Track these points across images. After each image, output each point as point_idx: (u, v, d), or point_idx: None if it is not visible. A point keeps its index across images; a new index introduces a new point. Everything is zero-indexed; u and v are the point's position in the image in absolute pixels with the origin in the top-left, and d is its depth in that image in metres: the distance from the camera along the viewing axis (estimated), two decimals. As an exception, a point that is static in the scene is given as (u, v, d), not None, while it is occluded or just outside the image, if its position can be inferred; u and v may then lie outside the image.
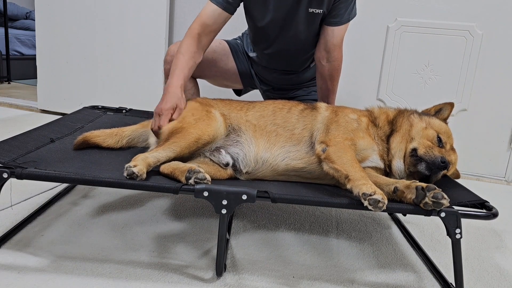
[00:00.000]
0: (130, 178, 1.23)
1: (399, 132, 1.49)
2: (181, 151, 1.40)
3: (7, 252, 1.32)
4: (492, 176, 2.77)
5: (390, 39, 2.75)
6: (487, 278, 1.45)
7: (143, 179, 1.24)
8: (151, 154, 1.34)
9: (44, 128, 1.70)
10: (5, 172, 1.19)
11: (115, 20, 3.10)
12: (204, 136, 1.44)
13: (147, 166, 1.29)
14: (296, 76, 2.10)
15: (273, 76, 2.10)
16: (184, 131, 1.43)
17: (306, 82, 2.16)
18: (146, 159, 1.30)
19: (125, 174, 1.23)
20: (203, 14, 1.77)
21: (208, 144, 1.47)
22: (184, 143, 1.40)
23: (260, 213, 1.80)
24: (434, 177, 1.43)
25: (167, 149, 1.38)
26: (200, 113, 1.51)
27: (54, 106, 3.37)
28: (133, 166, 1.24)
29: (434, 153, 1.40)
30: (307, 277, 1.35)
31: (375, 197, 1.16)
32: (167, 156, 1.37)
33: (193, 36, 1.73)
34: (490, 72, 2.66)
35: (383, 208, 1.17)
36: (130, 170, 1.23)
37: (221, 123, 1.51)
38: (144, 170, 1.25)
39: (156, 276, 1.26)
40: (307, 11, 1.82)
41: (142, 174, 1.24)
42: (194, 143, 1.42)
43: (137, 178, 1.23)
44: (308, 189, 1.41)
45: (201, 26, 1.75)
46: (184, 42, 1.73)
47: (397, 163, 1.46)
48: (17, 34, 5.30)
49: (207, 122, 1.47)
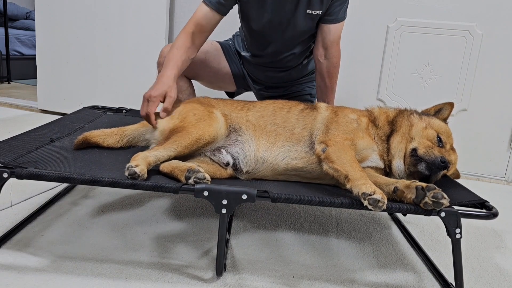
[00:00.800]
0: (132, 178, 1.23)
1: (399, 132, 1.49)
2: (182, 150, 1.40)
3: (7, 252, 1.32)
4: (492, 176, 2.77)
5: (390, 39, 2.75)
6: (487, 278, 1.45)
7: (144, 178, 1.24)
8: (151, 153, 1.34)
9: (44, 128, 1.70)
10: (5, 172, 1.19)
11: (115, 20, 3.10)
12: (205, 136, 1.44)
13: (148, 165, 1.29)
14: (289, 73, 2.11)
15: (266, 75, 2.11)
16: (185, 130, 1.43)
17: (299, 79, 2.17)
18: (146, 158, 1.30)
19: (127, 174, 1.23)
20: (197, 14, 1.82)
21: (208, 144, 1.47)
22: (185, 142, 1.40)
23: (260, 213, 1.80)
24: (434, 177, 1.43)
25: (168, 148, 1.38)
26: (202, 113, 1.51)
27: (54, 106, 3.37)
28: (134, 166, 1.24)
29: (434, 153, 1.40)
30: (307, 277, 1.34)
31: (375, 196, 1.16)
32: (168, 155, 1.37)
33: (188, 33, 1.78)
34: (490, 72, 2.66)
35: (383, 208, 1.17)
36: (132, 170, 1.23)
37: (223, 123, 1.51)
38: (146, 170, 1.26)
39: (156, 276, 1.26)
40: (305, 13, 1.83)
41: (144, 174, 1.24)
42: (195, 142, 1.42)
43: (139, 178, 1.23)
44: (308, 189, 1.41)
45: (195, 25, 1.79)
46: (179, 38, 1.78)
47: (397, 163, 1.46)
48: (17, 34, 5.30)
49: (208, 122, 1.47)
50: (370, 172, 1.43)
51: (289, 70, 2.10)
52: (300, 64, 2.09)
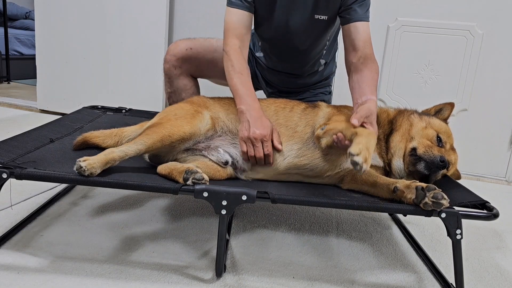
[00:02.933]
0: (79, 173, 1.20)
1: (399, 132, 1.49)
2: (153, 144, 1.37)
3: (7, 252, 1.31)
4: (493, 176, 2.77)
5: (391, 39, 2.75)
6: (488, 279, 1.45)
7: (93, 174, 1.21)
8: (119, 148, 1.32)
9: (43, 128, 1.70)
10: (5, 172, 1.18)
11: (115, 20, 3.09)
12: (178, 132, 1.41)
13: (109, 161, 1.26)
14: (303, 79, 2.06)
15: (279, 78, 2.05)
16: (159, 126, 1.42)
17: (313, 85, 2.11)
18: (110, 154, 1.28)
19: (74, 169, 1.20)
20: (233, 25, 1.67)
21: (184, 141, 1.44)
22: (157, 136, 1.38)
23: (260, 213, 1.80)
24: (434, 176, 1.42)
25: (138, 142, 1.35)
26: (185, 112, 1.49)
27: (53, 106, 3.37)
28: (82, 160, 1.20)
29: (434, 152, 1.39)
30: (307, 277, 1.34)
31: (355, 159, 1.17)
32: (137, 149, 1.34)
33: (237, 51, 1.64)
34: (490, 72, 2.65)
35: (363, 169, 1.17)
36: (78, 164, 1.20)
37: (206, 124, 1.49)
38: (96, 165, 1.22)
39: (156, 276, 1.26)
40: (313, 18, 1.78)
41: (91, 169, 1.20)
42: (168, 137, 1.39)
43: (85, 173, 1.19)
44: (308, 189, 1.40)
45: (237, 37, 1.66)
46: (233, 59, 1.62)
47: (397, 162, 1.46)
48: (16, 34, 5.29)
49: (188, 120, 1.46)
50: (370, 172, 1.43)
51: (303, 76, 2.06)
52: (315, 71, 2.03)
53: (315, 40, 1.86)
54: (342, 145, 1.34)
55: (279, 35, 1.84)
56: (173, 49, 1.96)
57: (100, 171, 1.23)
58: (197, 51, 1.97)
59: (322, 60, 1.98)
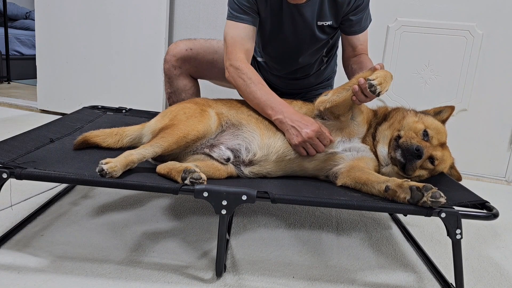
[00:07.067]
0: (101, 175, 1.21)
1: (389, 122, 1.55)
2: (169, 146, 1.39)
3: (7, 252, 1.31)
4: (492, 176, 2.77)
5: (390, 39, 2.75)
6: (488, 278, 1.45)
7: (114, 177, 1.23)
8: (137, 151, 1.34)
9: (43, 128, 1.70)
10: (5, 172, 1.18)
11: (115, 20, 3.10)
12: (193, 132, 1.43)
13: (129, 163, 1.28)
14: (307, 80, 2.06)
15: (281, 81, 2.04)
16: (173, 127, 1.44)
17: (316, 85, 2.11)
18: (129, 156, 1.30)
19: (97, 170, 1.22)
20: (240, 40, 1.66)
21: (198, 140, 1.47)
22: (172, 138, 1.40)
23: (260, 213, 1.80)
24: (410, 166, 1.42)
25: (154, 145, 1.38)
26: (193, 111, 1.51)
27: (53, 106, 3.37)
28: (104, 163, 1.22)
29: (412, 141, 1.42)
30: (307, 277, 1.34)
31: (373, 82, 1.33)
32: (154, 152, 1.36)
33: (248, 64, 1.66)
34: (490, 72, 2.65)
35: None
36: (100, 166, 1.22)
37: (215, 121, 1.52)
38: (118, 168, 1.23)
39: (156, 276, 1.26)
40: (317, 25, 1.77)
41: (113, 172, 1.22)
42: (183, 138, 1.42)
43: (106, 176, 1.21)
44: (308, 189, 1.41)
45: (246, 53, 1.67)
46: (249, 72, 1.62)
47: (380, 148, 1.52)
48: (17, 34, 5.30)
49: (199, 118, 1.48)
50: (363, 168, 1.43)
51: (306, 78, 2.06)
52: (317, 70, 2.03)
53: (319, 50, 1.88)
54: (363, 96, 1.41)
55: (287, 50, 1.85)
56: (173, 49, 1.96)
57: (120, 174, 1.25)
58: (197, 52, 1.97)
59: (324, 58, 2.01)
